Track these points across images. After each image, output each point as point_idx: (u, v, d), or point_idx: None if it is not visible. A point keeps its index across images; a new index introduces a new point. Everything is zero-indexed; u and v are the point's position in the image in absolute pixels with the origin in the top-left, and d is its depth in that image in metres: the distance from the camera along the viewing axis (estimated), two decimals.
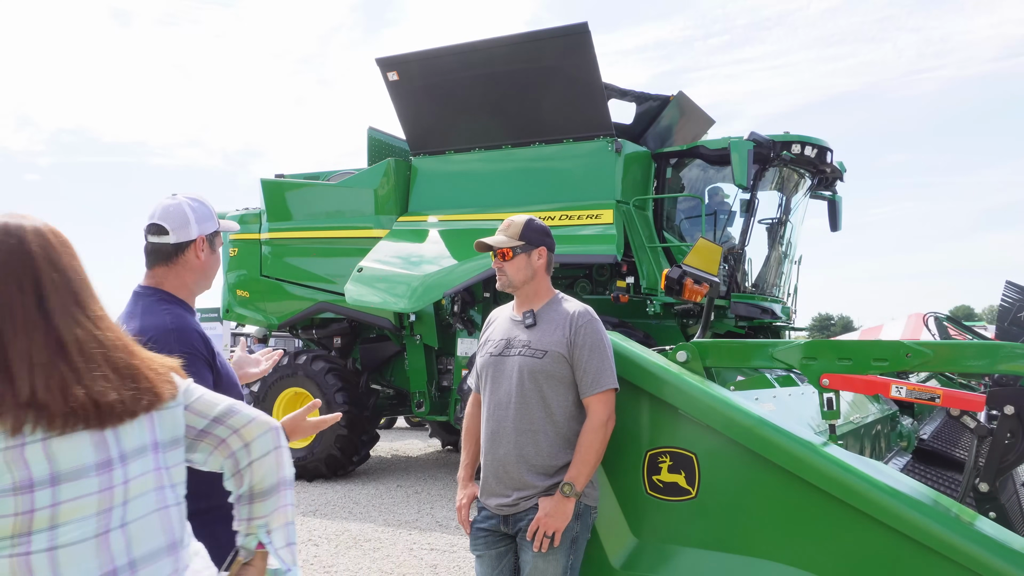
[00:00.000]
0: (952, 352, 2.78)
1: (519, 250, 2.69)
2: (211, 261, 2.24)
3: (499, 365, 2.67)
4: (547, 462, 2.56)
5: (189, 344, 2.06)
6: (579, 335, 2.57)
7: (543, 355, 2.58)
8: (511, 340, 2.68)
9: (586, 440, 2.52)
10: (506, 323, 2.76)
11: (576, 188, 8.41)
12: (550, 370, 2.57)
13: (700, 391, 2.53)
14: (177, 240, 2.15)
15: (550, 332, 2.61)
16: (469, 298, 8.85)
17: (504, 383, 2.63)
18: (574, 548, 2.55)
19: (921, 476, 4.14)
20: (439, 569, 5.58)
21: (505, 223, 2.77)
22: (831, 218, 9.67)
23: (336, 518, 7.20)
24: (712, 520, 2.51)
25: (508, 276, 2.71)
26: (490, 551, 2.68)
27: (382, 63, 9.09)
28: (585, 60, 8.12)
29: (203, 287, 2.28)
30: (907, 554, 2.17)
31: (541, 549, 2.48)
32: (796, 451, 2.33)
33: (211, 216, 2.25)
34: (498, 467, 2.62)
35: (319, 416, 2.26)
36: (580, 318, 2.61)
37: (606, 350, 2.59)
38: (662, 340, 7.53)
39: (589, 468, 2.51)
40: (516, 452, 2.58)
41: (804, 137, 8.26)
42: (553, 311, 2.67)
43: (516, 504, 2.58)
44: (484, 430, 2.70)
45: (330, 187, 9.94)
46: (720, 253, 3.70)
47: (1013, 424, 2.92)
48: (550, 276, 2.79)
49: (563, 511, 2.49)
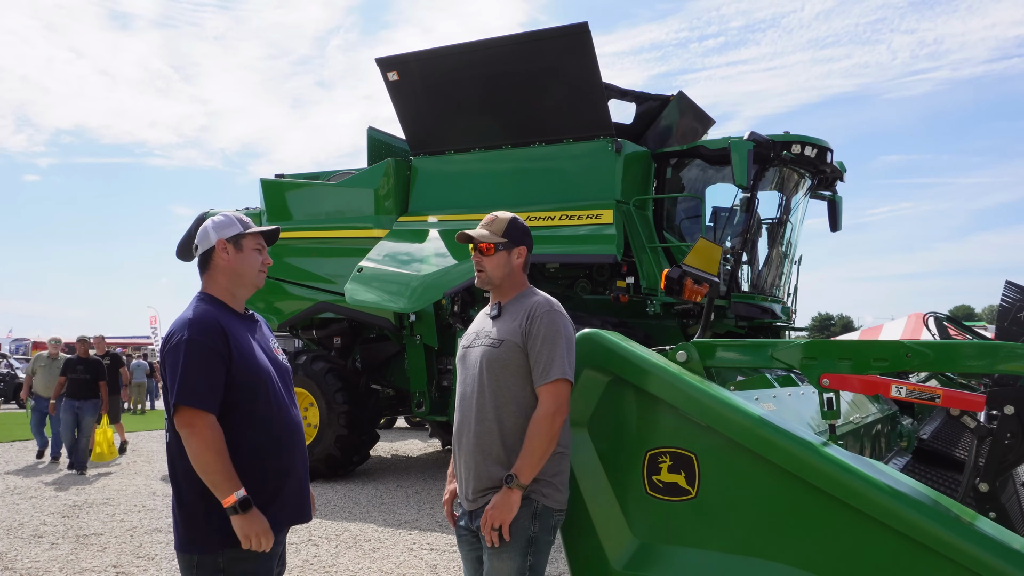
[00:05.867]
0: (952, 352, 2.78)
1: (500, 247, 2.69)
2: (238, 260, 2.51)
3: (466, 357, 2.69)
4: (500, 453, 2.53)
5: (202, 334, 2.32)
6: (534, 324, 2.56)
7: (499, 344, 2.58)
8: (479, 332, 2.70)
9: (532, 431, 2.48)
10: (480, 318, 2.78)
11: (576, 188, 8.41)
12: (505, 359, 2.56)
13: (700, 391, 2.53)
14: (203, 250, 2.52)
15: (509, 322, 2.62)
16: (469, 298, 8.85)
17: (468, 374, 2.65)
18: (532, 549, 2.51)
19: (921, 476, 4.14)
20: (439, 569, 5.58)
21: (488, 218, 2.75)
22: (831, 218, 9.66)
23: (336, 518, 7.20)
24: (712, 520, 2.51)
25: (487, 272, 2.71)
26: (471, 553, 2.67)
27: (382, 63, 9.09)
28: (585, 60, 8.12)
29: (240, 285, 2.54)
30: (907, 554, 2.17)
31: (494, 544, 2.47)
32: (796, 451, 2.33)
33: (232, 223, 2.53)
34: (462, 459, 2.63)
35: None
36: (538, 308, 2.59)
37: (561, 341, 2.55)
38: (662, 340, 7.53)
39: (534, 459, 2.46)
40: (476, 442, 2.57)
41: (804, 137, 8.25)
42: (518, 303, 2.67)
43: (475, 500, 2.57)
44: (454, 421, 2.70)
45: (330, 187, 9.94)
46: (720, 253, 3.70)
47: (1013, 424, 2.93)
48: (526, 274, 2.79)
49: (507, 503, 2.45)
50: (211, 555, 2.34)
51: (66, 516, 7.25)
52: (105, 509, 7.58)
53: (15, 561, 5.71)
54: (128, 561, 5.72)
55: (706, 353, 2.84)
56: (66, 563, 5.65)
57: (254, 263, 2.55)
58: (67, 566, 5.58)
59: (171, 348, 2.36)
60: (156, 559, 5.78)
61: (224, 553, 2.34)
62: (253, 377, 2.42)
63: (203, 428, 2.28)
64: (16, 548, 6.06)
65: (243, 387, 2.38)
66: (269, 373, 2.49)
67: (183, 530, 2.38)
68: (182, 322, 2.38)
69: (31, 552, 5.95)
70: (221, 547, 2.33)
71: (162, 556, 5.83)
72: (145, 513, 7.40)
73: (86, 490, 8.70)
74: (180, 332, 2.35)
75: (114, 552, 5.97)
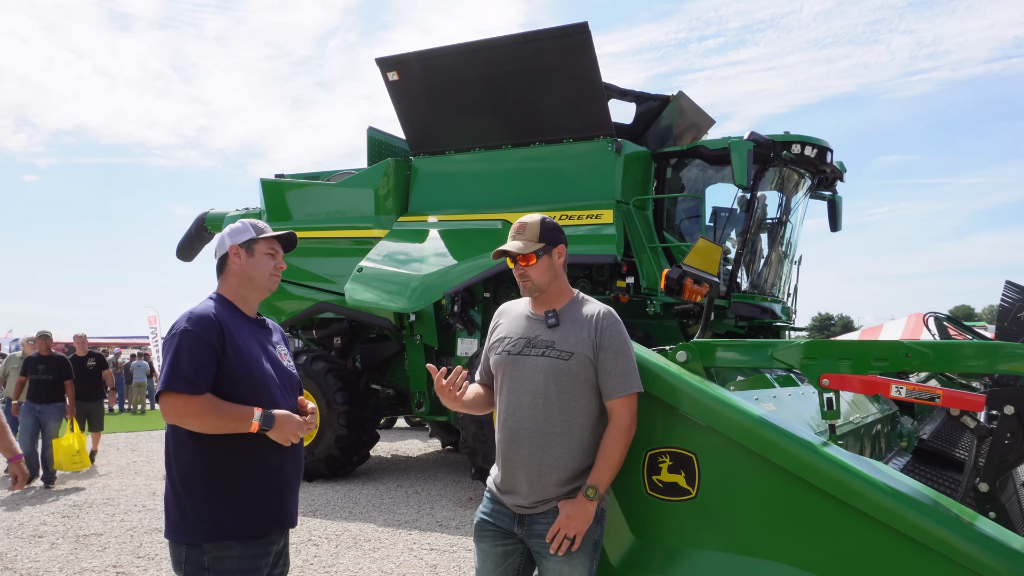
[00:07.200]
0: (952, 352, 2.77)
1: (541, 252, 2.61)
2: (249, 265, 2.62)
3: (518, 364, 2.58)
4: (568, 466, 2.51)
5: (197, 326, 2.42)
6: (604, 337, 2.52)
7: (569, 357, 2.51)
8: (532, 339, 2.59)
9: (610, 443, 2.48)
10: (522, 320, 2.67)
11: (576, 188, 8.40)
12: (575, 372, 2.51)
13: (700, 391, 2.53)
14: (219, 255, 2.66)
15: (575, 333, 2.55)
16: (469, 298, 8.85)
17: (526, 384, 2.55)
18: (596, 552, 2.54)
19: (921, 476, 4.13)
20: (439, 569, 5.58)
21: (518, 226, 2.66)
22: (831, 218, 9.66)
23: (336, 518, 7.20)
24: (712, 520, 2.51)
25: (533, 281, 2.61)
26: (495, 548, 2.61)
27: (382, 63, 9.08)
28: (585, 60, 8.11)
29: (251, 288, 2.64)
30: (907, 554, 2.17)
31: (559, 552, 2.44)
32: (796, 451, 2.33)
33: (245, 229, 2.64)
34: (518, 469, 2.56)
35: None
36: (605, 319, 2.56)
37: (630, 353, 2.55)
38: (662, 340, 7.53)
39: (612, 471, 2.49)
40: (538, 456, 2.51)
41: (804, 137, 8.25)
42: (576, 311, 2.61)
43: (534, 507, 2.54)
44: (502, 430, 2.62)
45: (330, 187, 9.94)
46: (720, 253, 3.71)
47: (1013, 424, 2.93)
48: (566, 273, 2.73)
49: (585, 514, 2.45)
50: (197, 549, 2.38)
51: (66, 516, 7.25)
52: (105, 509, 7.58)
53: (15, 561, 5.71)
54: (128, 561, 5.72)
55: (706, 353, 2.84)
56: (66, 563, 5.65)
57: (265, 267, 2.63)
58: (67, 566, 5.59)
59: (168, 339, 2.50)
60: (156, 559, 5.78)
61: (208, 549, 2.38)
62: (247, 376, 2.46)
63: (190, 403, 2.35)
64: (16, 548, 6.06)
65: (235, 383, 2.43)
66: (266, 375, 2.52)
67: (169, 518, 2.46)
68: (183, 316, 2.49)
69: (31, 552, 5.95)
70: (206, 539, 2.38)
71: (162, 556, 5.83)
72: (145, 513, 7.40)
73: (86, 490, 8.70)
74: (178, 324, 2.46)
75: (114, 552, 5.97)
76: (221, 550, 2.38)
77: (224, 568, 2.39)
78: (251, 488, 2.44)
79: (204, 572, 2.38)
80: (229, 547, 2.39)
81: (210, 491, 2.39)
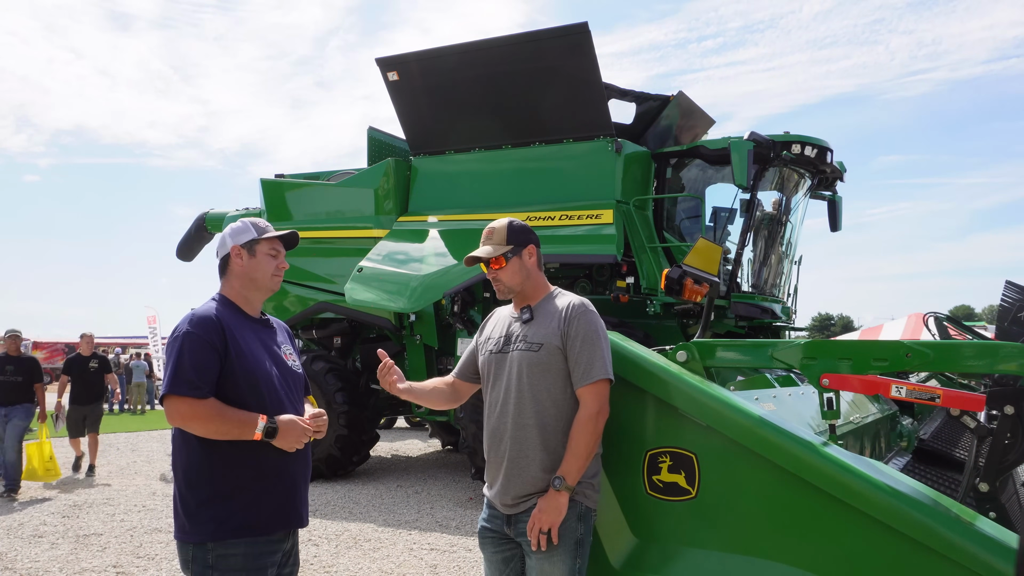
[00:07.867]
0: (952, 352, 2.77)
1: (510, 255, 2.69)
2: (251, 265, 2.61)
3: (500, 362, 2.66)
4: (545, 457, 2.53)
5: (199, 328, 2.42)
6: (572, 326, 2.56)
7: (539, 348, 2.57)
8: (510, 336, 2.68)
9: (576, 432, 2.49)
10: (505, 320, 2.76)
11: (576, 188, 8.40)
12: (546, 363, 2.55)
13: (700, 391, 2.53)
14: (221, 256, 2.65)
15: (545, 325, 2.61)
16: (469, 298, 8.85)
17: (504, 379, 2.63)
18: (579, 551, 2.52)
19: (921, 476, 4.13)
20: (439, 569, 5.58)
21: (487, 232, 2.76)
22: (831, 218, 9.66)
23: (336, 518, 7.20)
24: (712, 520, 2.51)
25: (505, 283, 2.70)
26: (496, 555, 2.65)
27: (382, 63, 9.09)
28: (585, 60, 8.11)
29: (253, 289, 2.64)
30: (907, 554, 2.17)
31: (542, 548, 2.46)
32: (796, 451, 2.33)
33: (247, 229, 2.63)
34: (500, 464, 2.61)
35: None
36: (574, 310, 2.60)
37: (599, 341, 2.56)
38: (662, 340, 7.53)
39: (580, 461, 2.48)
40: (516, 449, 2.56)
41: (804, 137, 8.25)
42: (550, 305, 2.67)
43: (517, 504, 2.57)
44: (486, 428, 2.69)
45: (330, 187, 9.94)
46: (720, 253, 3.71)
47: (1013, 424, 2.92)
48: (543, 271, 2.79)
49: (556, 506, 2.46)
50: (202, 548, 2.39)
51: (66, 516, 7.25)
52: (105, 509, 7.58)
53: (15, 561, 5.71)
54: (128, 561, 5.72)
55: (706, 353, 2.84)
56: (66, 563, 5.65)
57: (267, 268, 2.63)
58: (67, 566, 5.59)
59: (170, 341, 2.49)
60: (156, 559, 5.78)
61: (213, 548, 2.39)
62: (250, 377, 2.46)
63: (195, 408, 2.35)
64: (16, 548, 6.06)
65: (238, 384, 2.43)
66: (269, 375, 2.52)
67: (176, 518, 2.47)
68: (185, 318, 2.49)
69: (31, 552, 5.95)
70: (210, 538, 2.39)
71: (162, 556, 5.83)
72: (145, 513, 7.40)
73: (86, 490, 8.70)
74: (180, 327, 2.47)
75: (114, 552, 5.97)
76: (225, 548, 2.39)
77: (228, 566, 2.39)
78: (255, 488, 2.44)
79: (209, 571, 2.39)
80: (233, 545, 2.39)
81: (214, 491, 2.40)
